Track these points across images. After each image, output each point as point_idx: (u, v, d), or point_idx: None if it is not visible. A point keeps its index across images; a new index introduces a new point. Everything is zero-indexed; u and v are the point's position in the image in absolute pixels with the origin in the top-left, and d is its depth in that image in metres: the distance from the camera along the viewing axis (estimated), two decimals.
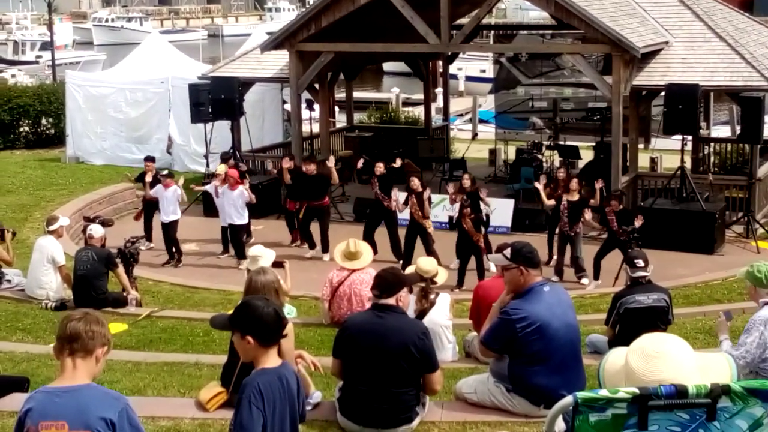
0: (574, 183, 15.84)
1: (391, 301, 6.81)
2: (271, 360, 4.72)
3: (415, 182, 16.41)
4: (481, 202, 15.97)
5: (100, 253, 13.04)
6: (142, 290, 14.14)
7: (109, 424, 4.38)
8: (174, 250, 17.41)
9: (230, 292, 14.27)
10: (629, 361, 3.11)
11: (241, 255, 16.66)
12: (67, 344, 4.49)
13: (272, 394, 4.61)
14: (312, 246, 17.70)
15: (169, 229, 17.38)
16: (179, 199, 17.45)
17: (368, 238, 16.25)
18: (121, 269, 13.22)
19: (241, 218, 17.16)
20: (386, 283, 6.88)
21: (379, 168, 17.04)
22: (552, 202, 16.14)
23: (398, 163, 17.86)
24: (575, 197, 15.76)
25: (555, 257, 16.20)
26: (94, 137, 25.51)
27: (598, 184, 16.07)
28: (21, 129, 28.43)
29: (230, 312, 4.93)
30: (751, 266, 7.48)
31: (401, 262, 15.82)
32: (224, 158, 19.55)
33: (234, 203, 16.99)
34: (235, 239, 17.24)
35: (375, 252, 15.35)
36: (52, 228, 13.66)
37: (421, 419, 7.00)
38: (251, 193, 17.12)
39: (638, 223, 14.82)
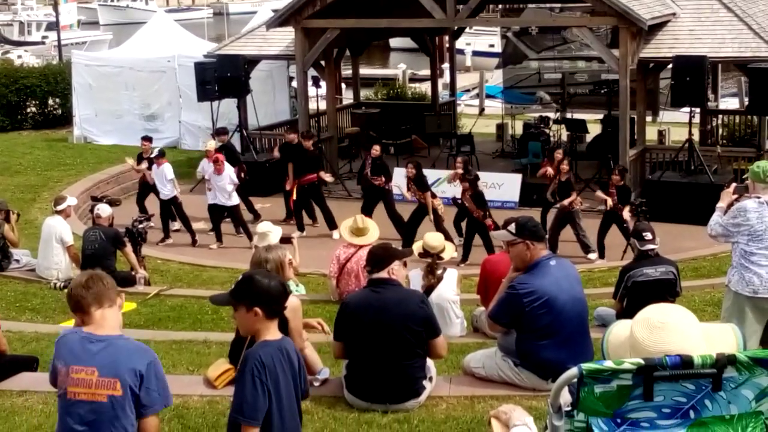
0: (565, 164, 15.87)
1: (384, 274, 6.86)
2: (272, 332, 4.75)
3: (410, 170, 16.21)
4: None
5: (108, 233, 13.06)
6: (151, 269, 14.16)
7: (137, 375, 4.58)
8: (187, 229, 17.35)
9: (238, 270, 14.21)
10: (634, 332, 3.09)
11: (246, 232, 16.77)
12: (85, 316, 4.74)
13: (275, 366, 4.62)
14: (301, 228, 17.46)
15: (173, 206, 17.37)
16: (171, 178, 17.23)
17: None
18: (129, 248, 13.25)
19: (229, 200, 16.98)
20: (377, 257, 6.97)
21: (376, 151, 17.04)
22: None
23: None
24: (563, 177, 15.80)
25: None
26: (100, 117, 25.50)
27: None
28: (28, 109, 28.43)
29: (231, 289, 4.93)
30: (755, 164, 7.78)
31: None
32: (218, 132, 19.10)
33: (222, 186, 16.85)
34: (234, 218, 17.19)
35: None
36: (59, 208, 13.69)
37: (429, 394, 7.02)
38: (236, 176, 17.00)
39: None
